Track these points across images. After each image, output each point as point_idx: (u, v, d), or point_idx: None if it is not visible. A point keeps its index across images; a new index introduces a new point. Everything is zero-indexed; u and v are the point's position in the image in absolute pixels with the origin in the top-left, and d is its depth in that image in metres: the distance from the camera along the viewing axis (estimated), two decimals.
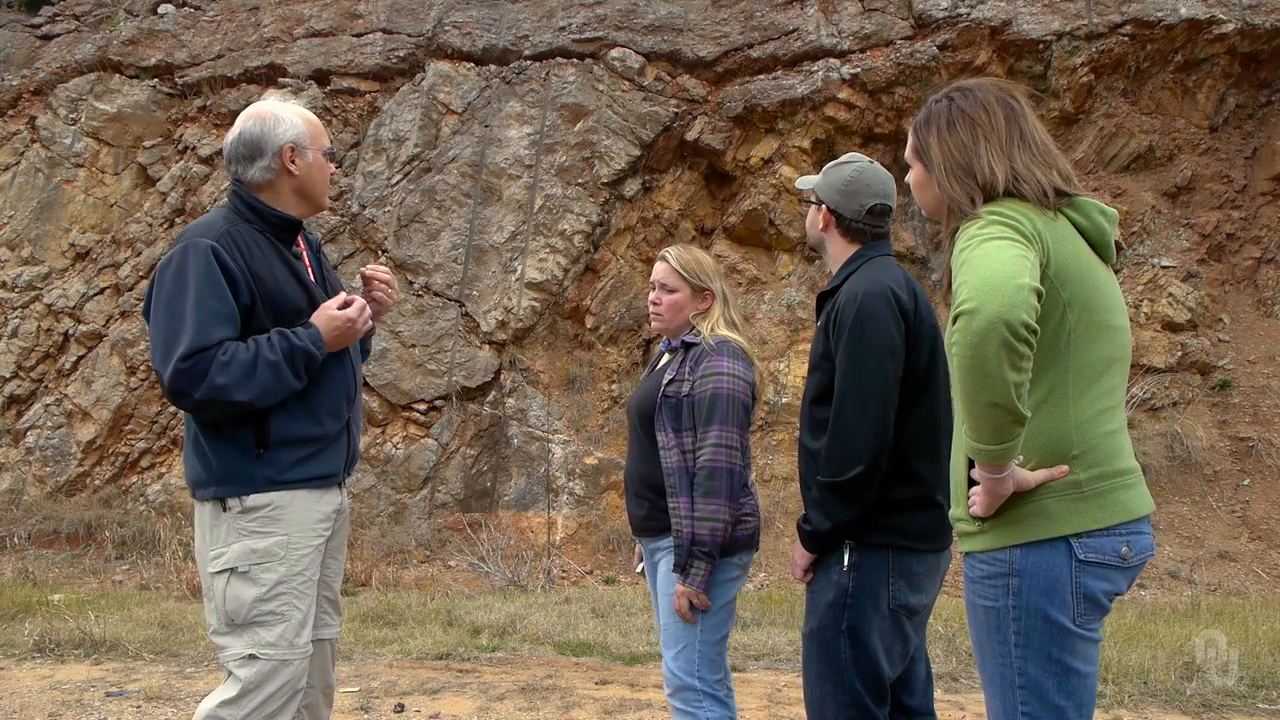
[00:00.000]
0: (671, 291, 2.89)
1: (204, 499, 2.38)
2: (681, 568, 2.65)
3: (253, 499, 2.33)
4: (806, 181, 2.67)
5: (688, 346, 2.83)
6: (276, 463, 2.34)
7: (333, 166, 2.60)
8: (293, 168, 2.48)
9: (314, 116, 2.59)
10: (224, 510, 2.33)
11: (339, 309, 2.44)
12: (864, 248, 2.54)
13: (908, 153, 2.09)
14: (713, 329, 2.82)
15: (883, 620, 2.32)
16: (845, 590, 2.32)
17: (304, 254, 2.59)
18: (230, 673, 2.32)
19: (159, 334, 2.29)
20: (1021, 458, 1.79)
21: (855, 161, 2.60)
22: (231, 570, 2.31)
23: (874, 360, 2.27)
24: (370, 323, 2.52)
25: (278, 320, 2.38)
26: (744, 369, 2.75)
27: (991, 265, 1.67)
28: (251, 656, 2.29)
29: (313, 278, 2.56)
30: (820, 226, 2.58)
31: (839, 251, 2.57)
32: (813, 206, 2.61)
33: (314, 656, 2.52)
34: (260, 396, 2.27)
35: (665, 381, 2.80)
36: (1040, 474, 1.79)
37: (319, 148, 2.53)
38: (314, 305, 2.47)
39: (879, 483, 2.28)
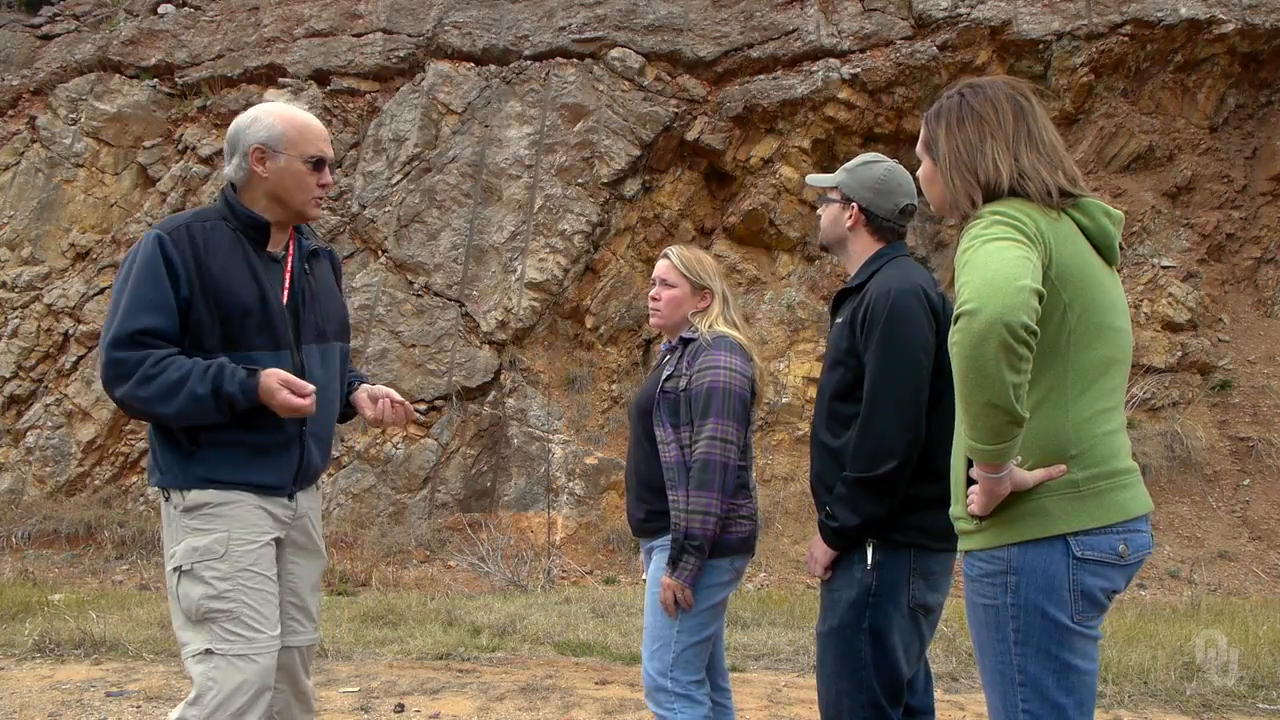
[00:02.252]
0: (671, 287, 2.90)
1: (152, 485, 2.41)
2: (673, 561, 2.64)
3: (192, 496, 2.31)
4: (824, 179, 2.64)
5: (685, 342, 2.84)
6: (207, 461, 2.32)
7: (325, 176, 2.48)
8: (261, 170, 2.41)
9: (307, 121, 2.47)
10: (169, 502, 2.35)
11: (285, 387, 2.27)
12: (887, 246, 2.55)
13: (918, 146, 2.10)
14: (711, 326, 2.82)
15: (903, 619, 2.32)
16: (869, 589, 2.32)
17: (289, 259, 2.50)
18: (191, 672, 2.30)
19: (107, 319, 2.33)
20: (1019, 458, 1.80)
21: (883, 160, 2.61)
22: (180, 569, 2.31)
23: (908, 357, 2.28)
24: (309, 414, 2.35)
25: (223, 318, 2.33)
26: (741, 363, 2.73)
27: (993, 266, 1.68)
28: (208, 652, 2.26)
29: (287, 284, 2.47)
30: (847, 224, 2.56)
31: (861, 250, 2.56)
32: (834, 204, 2.59)
33: (283, 663, 2.44)
34: (177, 418, 2.26)
35: (664, 377, 2.81)
36: (1038, 474, 1.80)
37: (299, 154, 2.42)
38: (265, 308, 2.38)
39: (908, 479, 2.28)
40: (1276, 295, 10.45)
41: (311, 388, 2.32)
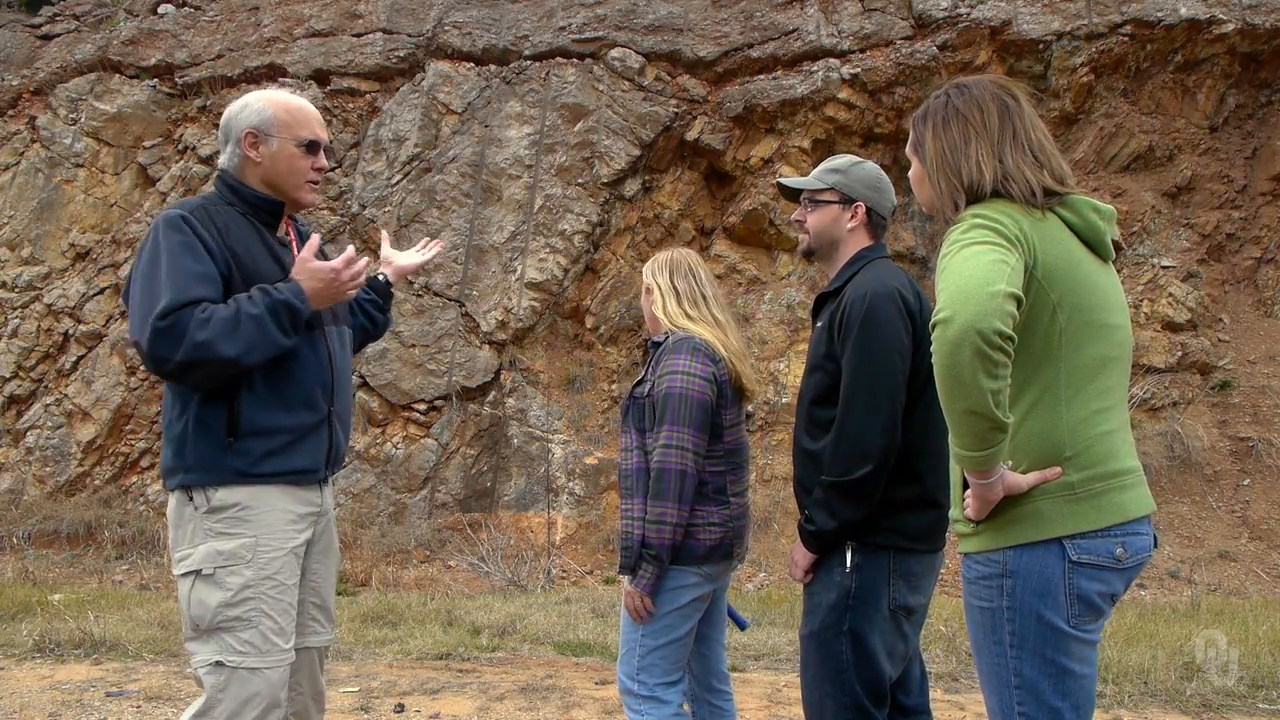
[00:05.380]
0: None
1: (173, 488, 2.26)
2: (630, 569, 2.63)
3: (220, 495, 2.20)
4: (812, 181, 2.62)
5: (655, 346, 2.84)
6: (247, 453, 2.21)
7: (319, 160, 2.45)
8: (254, 154, 2.38)
9: (300, 104, 2.45)
10: (190, 503, 2.21)
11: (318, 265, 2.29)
12: (866, 248, 2.56)
13: (908, 148, 2.10)
14: (670, 319, 2.81)
15: (884, 621, 2.32)
16: (848, 591, 2.32)
17: (293, 244, 2.49)
18: (200, 682, 2.21)
19: (136, 305, 2.16)
20: (1010, 462, 1.79)
21: (865, 160, 2.63)
22: (196, 573, 2.19)
23: (883, 361, 2.27)
24: (360, 286, 2.39)
25: None
26: (702, 366, 2.66)
27: (967, 272, 1.67)
28: (219, 664, 2.17)
29: None
30: (849, 225, 2.56)
31: (848, 251, 2.56)
32: (831, 205, 2.57)
33: (302, 664, 2.41)
34: (247, 352, 2.13)
35: (634, 383, 2.82)
36: (1032, 476, 1.79)
37: (291, 137, 2.39)
38: None
39: (884, 483, 2.28)
40: (1276, 295, 10.45)
41: (346, 259, 2.30)
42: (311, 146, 2.42)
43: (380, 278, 2.86)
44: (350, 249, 2.37)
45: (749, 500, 2.86)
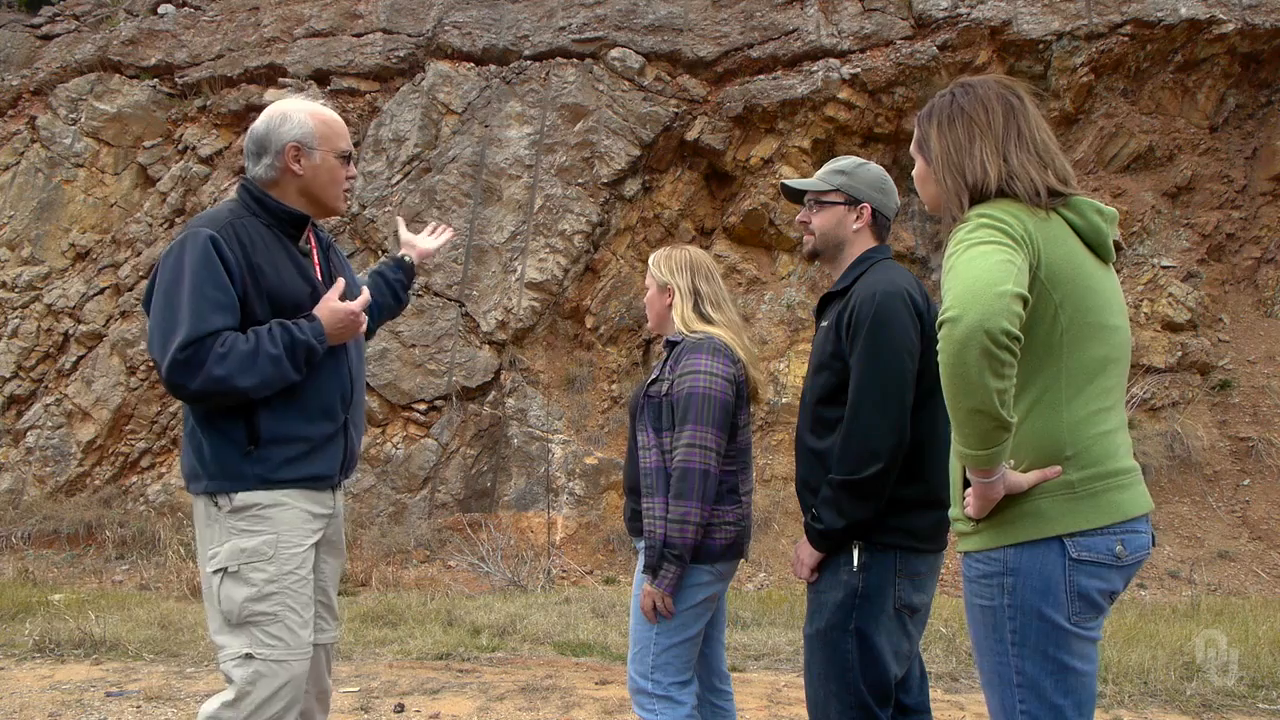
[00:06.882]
0: (649, 290, 2.98)
1: (197, 493, 2.36)
2: (652, 569, 2.62)
3: (241, 497, 2.30)
4: (816, 183, 2.62)
5: (671, 345, 2.83)
6: (267, 460, 2.31)
7: (351, 169, 2.54)
8: (296, 167, 2.43)
9: (333, 117, 2.53)
10: (216, 507, 2.31)
11: (341, 300, 2.42)
12: (871, 249, 2.57)
13: (912, 146, 2.10)
14: (684, 321, 2.81)
15: (889, 620, 2.33)
16: (855, 590, 2.32)
17: (313, 250, 2.56)
18: (229, 675, 2.29)
19: (156, 324, 2.26)
20: (1012, 461, 1.80)
21: (869, 161, 2.64)
22: (224, 570, 2.29)
23: (893, 360, 2.28)
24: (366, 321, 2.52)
25: (276, 313, 2.35)
26: (723, 367, 2.68)
27: (975, 272, 1.68)
28: (248, 656, 2.26)
29: (319, 274, 2.53)
30: (855, 226, 2.57)
31: (853, 252, 2.58)
32: (837, 207, 2.58)
33: (310, 662, 2.46)
34: (259, 387, 2.25)
35: (649, 381, 2.82)
36: (1032, 475, 1.80)
37: (330, 149, 2.47)
38: (317, 300, 2.45)
39: (893, 482, 2.29)
40: (1276, 295, 10.45)
41: (363, 304, 2.46)
42: (347, 157, 2.53)
43: (406, 259, 3.04)
44: (365, 294, 2.51)
45: (752, 499, 2.87)
